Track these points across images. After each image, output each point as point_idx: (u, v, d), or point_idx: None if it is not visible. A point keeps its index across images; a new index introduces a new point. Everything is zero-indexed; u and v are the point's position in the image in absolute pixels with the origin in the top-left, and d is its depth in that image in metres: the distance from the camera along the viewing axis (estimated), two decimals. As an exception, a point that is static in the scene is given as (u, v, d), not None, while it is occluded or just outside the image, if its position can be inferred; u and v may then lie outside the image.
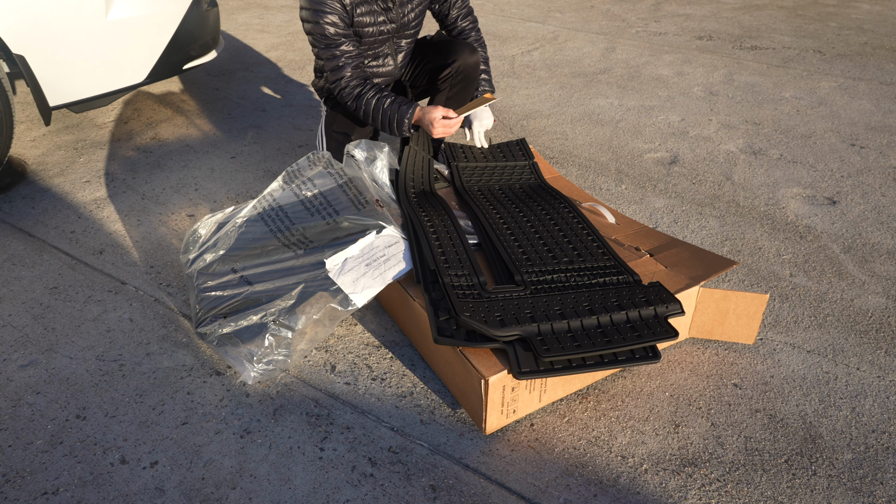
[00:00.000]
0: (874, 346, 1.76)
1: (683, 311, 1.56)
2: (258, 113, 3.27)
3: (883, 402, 1.59)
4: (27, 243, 2.19)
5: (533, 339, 1.45)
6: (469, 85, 2.29)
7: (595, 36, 4.62)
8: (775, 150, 2.88)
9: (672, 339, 1.49)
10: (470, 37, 2.37)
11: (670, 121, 3.18)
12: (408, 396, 1.60)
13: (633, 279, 1.66)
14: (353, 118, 2.31)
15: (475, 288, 1.62)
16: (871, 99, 3.44)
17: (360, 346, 1.77)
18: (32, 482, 1.37)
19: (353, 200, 1.84)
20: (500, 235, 1.83)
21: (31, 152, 2.81)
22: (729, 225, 2.32)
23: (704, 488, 1.38)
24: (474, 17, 2.38)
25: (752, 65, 3.98)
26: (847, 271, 2.07)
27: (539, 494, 1.36)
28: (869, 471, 1.41)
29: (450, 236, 1.81)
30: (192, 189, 2.55)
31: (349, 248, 1.70)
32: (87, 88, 2.48)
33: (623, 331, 1.49)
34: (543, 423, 1.52)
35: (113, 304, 1.91)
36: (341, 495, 1.35)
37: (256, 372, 1.60)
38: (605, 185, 2.59)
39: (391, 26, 2.17)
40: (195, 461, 1.43)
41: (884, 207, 2.43)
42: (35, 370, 1.67)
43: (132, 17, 2.48)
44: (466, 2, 2.34)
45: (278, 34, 4.60)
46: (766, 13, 5.22)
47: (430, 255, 1.71)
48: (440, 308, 1.57)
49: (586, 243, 1.80)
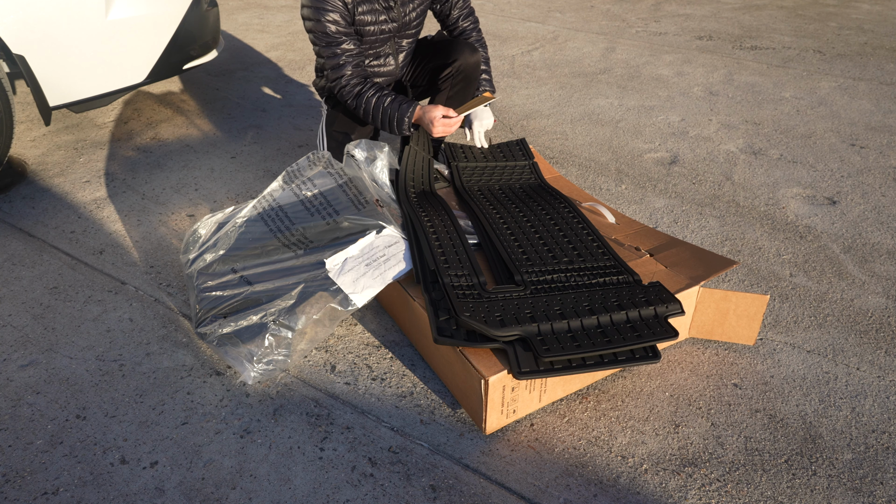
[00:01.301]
0: (874, 346, 1.76)
1: (683, 311, 1.56)
2: (258, 113, 3.27)
3: (883, 402, 1.59)
4: (27, 243, 2.19)
5: (533, 339, 1.45)
6: (469, 85, 2.29)
7: (595, 36, 4.62)
8: (775, 150, 2.88)
9: (672, 339, 1.49)
10: (471, 37, 2.37)
11: (670, 121, 3.18)
12: (408, 396, 1.60)
13: (633, 279, 1.66)
14: (353, 118, 2.31)
15: (475, 288, 1.62)
16: (871, 99, 3.44)
17: (360, 346, 1.77)
18: (32, 482, 1.38)
19: (353, 200, 1.84)
20: (500, 235, 1.83)
21: (31, 152, 2.81)
22: (729, 225, 2.32)
23: (704, 488, 1.38)
24: (475, 17, 2.38)
25: (752, 65, 3.98)
26: (847, 271, 2.07)
27: (539, 494, 1.36)
28: (869, 471, 1.41)
29: (450, 236, 1.81)
30: (192, 189, 2.55)
31: (349, 248, 1.70)
32: (87, 88, 2.48)
33: (623, 331, 1.49)
34: (543, 423, 1.52)
35: (113, 304, 1.91)
36: (341, 495, 1.35)
37: (256, 372, 1.60)
38: (605, 185, 2.59)
39: (392, 25, 2.17)
40: (195, 461, 1.43)
41: (884, 207, 2.43)
42: (35, 370, 1.67)
43: (132, 17, 2.48)
44: (468, 2, 2.34)
45: (278, 34, 4.60)
46: (766, 13, 5.22)
47: (429, 255, 1.71)
48: (440, 308, 1.57)
49: (586, 243, 1.80)
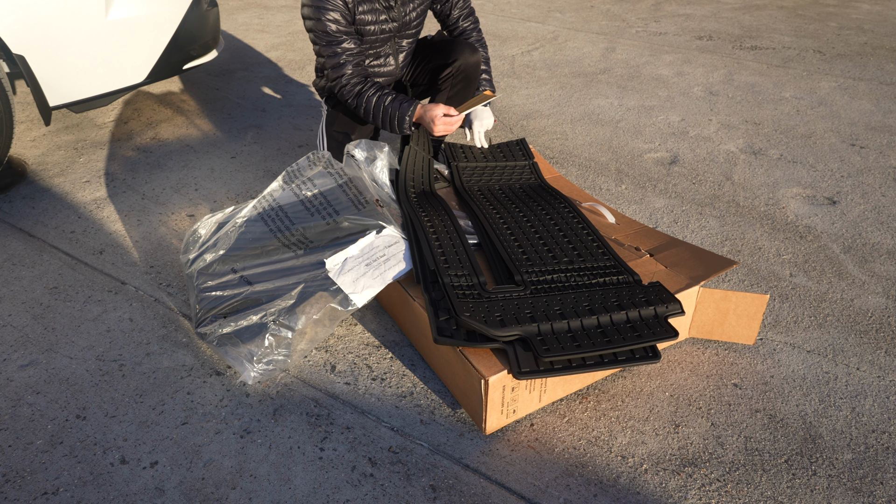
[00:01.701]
0: (874, 346, 1.76)
1: (683, 311, 1.56)
2: (258, 113, 3.27)
3: (883, 402, 1.59)
4: (27, 243, 2.19)
5: (533, 340, 1.45)
6: (470, 85, 2.29)
7: (595, 36, 4.61)
8: (775, 150, 2.88)
9: (672, 339, 1.49)
10: (471, 37, 2.37)
11: (670, 121, 3.18)
12: (408, 396, 1.60)
13: (634, 279, 1.66)
14: (353, 117, 2.31)
15: (475, 288, 1.62)
16: (871, 99, 3.44)
17: (360, 346, 1.77)
18: (32, 482, 1.37)
19: (353, 200, 1.84)
20: (501, 235, 1.83)
21: (31, 152, 2.81)
22: (729, 225, 2.32)
23: (704, 488, 1.38)
24: (475, 17, 2.38)
25: (752, 65, 3.98)
26: (847, 271, 2.07)
27: (539, 494, 1.36)
28: (869, 471, 1.41)
29: (450, 236, 1.81)
30: (192, 189, 2.55)
31: (349, 248, 1.70)
32: (87, 88, 2.48)
33: (623, 331, 1.49)
34: (543, 423, 1.52)
35: (113, 304, 1.91)
36: (341, 495, 1.35)
37: (256, 372, 1.60)
38: (605, 185, 2.59)
39: (393, 25, 2.17)
40: (195, 461, 1.43)
41: (884, 207, 2.43)
42: (35, 370, 1.67)
43: (132, 17, 2.48)
44: (468, 2, 2.34)
45: (278, 34, 4.60)
46: (766, 13, 5.22)
47: (429, 255, 1.71)
48: (440, 308, 1.57)
49: (586, 243, 1.80)
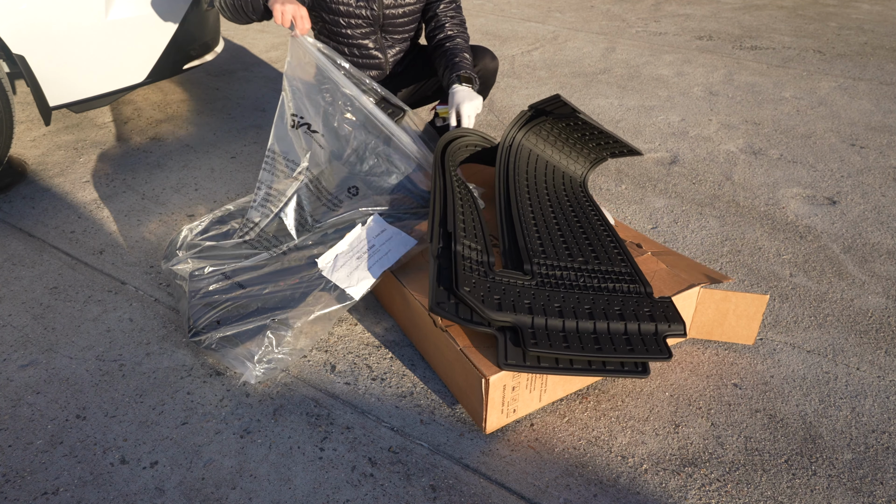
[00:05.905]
0: (874, 346, 1.76)
1: (686, 333, 1.53)
2: (258, 113, 3.27)
3: (883, 402, 1.59)
4: (27, 243, 2.19)
5: (523, 330, 1.44)
6: (485, 90, 2.34)
7: (595, 36, 4.61)
8: (775, 150, 2.88)
9: (664, 360, 1.45)
10: (448, 23, 2.25)
11: (670, 121, 3.18)
12: (408, 396, 1.60)
13: (645, 290, 1.61)
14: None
15: (483, 265, 1.60)
16: (871, 99, 3.44)
17: (360, 346, 1.77)
18: (32, 482, 1.37)
19: None
20: (524, 220, 1.77)
21: (31, 152, 2.81)
22: (729, 225, 2.32)
23: (704, 488, 1.38)
24: (462, 18, 2.30)
25: (752, 65, 3.98)
26: (847, 271, 2.07)
27: (539, 494, 1.36)
28: (869, 471, 1.41)
29: (471, 210, 1.78)
30: (192, 189, 2.55)
31: (338, 244, 1.73)
32: (87, 88, 2.48)
33: (616, 341, 1.47)
34: (543, 423, 1.52)
35: (113, 304, 1.91)
36: (341, 495, 1.35)
37: (256, 372, 1.60)
38: (605, 185, 2.59)
39: (369, 12, 2.17)
40: (195, 461, 1.43)
41: (884, 207, 2.43)
42: (35, 370, 1.67)
43: (132, 17, 2.48)
44: (459, 13, 2.29)
45: (278, 34, 4.60)
46: (766, 13, 5.22)
47: (452, 218, 1.65)
48: (442, 279, 1.55)
49: (606, 246, 1.75)
